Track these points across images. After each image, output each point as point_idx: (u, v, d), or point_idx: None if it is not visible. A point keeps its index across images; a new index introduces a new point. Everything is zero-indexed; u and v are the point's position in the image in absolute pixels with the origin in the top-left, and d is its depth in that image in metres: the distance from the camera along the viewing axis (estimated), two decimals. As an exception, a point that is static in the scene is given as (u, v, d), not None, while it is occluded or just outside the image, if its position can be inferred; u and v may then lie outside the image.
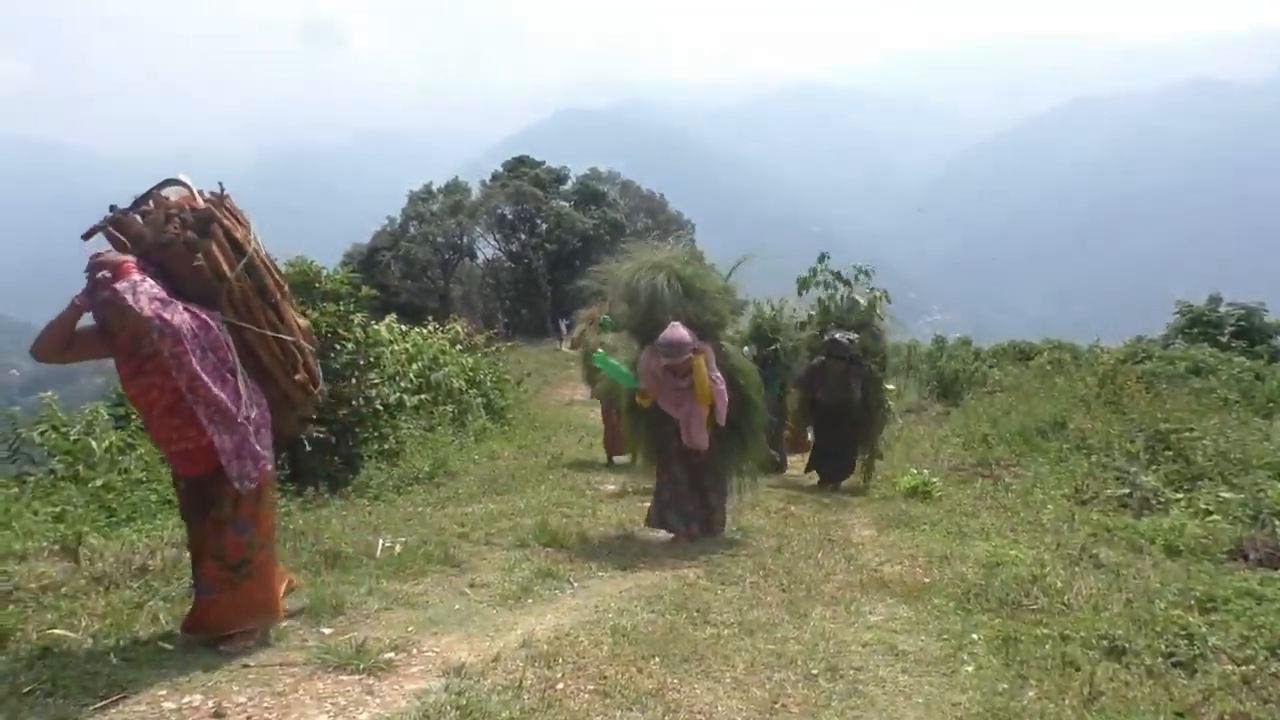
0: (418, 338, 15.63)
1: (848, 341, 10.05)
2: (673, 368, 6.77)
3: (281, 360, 4.36)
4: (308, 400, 4.62)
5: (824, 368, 10.09)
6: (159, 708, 3.54)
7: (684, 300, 6.99)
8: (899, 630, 4.98)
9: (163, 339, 3.68)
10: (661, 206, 51.18)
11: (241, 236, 4.18)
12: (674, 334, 6.73)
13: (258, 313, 4.23)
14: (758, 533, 7.56)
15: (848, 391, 9.91)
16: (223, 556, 4.11)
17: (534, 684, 3.91)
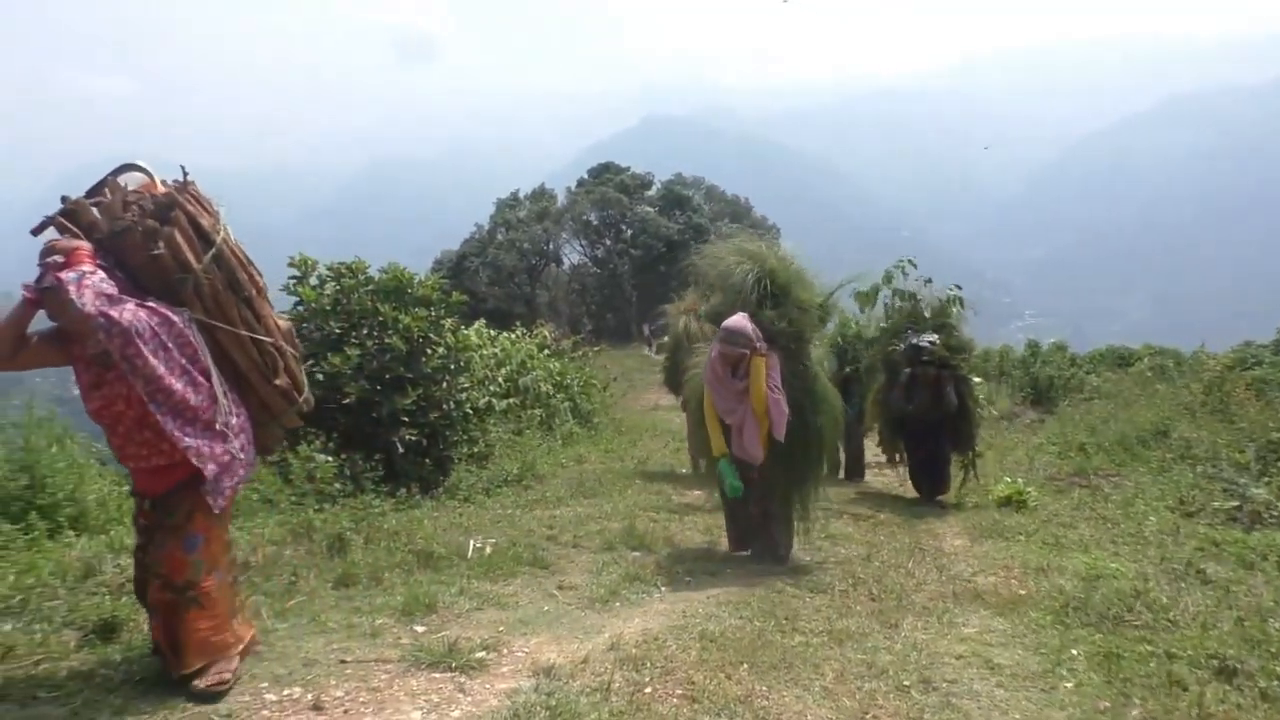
0: (506, 342, 15.86)
1: (930, 345, 9.44)
2: (729, 360, 6.28)
3: (259, 363, 3.93)
4: (290, 409, 4.11)
5: (914, 379, 9.43)
6: (261, 699, 3.66)
7: (768, 301, 6.53)
8: (994, 643, 4.86)
9: (110, 339, 3.26)
10: (746, 211, 50.96)
11: (209, 225, 3.74)
12: (736, 322, 6.25)
13: (230, 310, 3.78)
14: (846, 540, 7.46)
15: (942, 400, 9.26)
16: (164, 574, 3.64)
17: (622, 687, 3.93)
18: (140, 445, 3.55)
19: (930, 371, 9.31)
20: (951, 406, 9.27)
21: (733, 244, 6.98)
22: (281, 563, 5.70)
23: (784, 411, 6.26)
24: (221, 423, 3.62)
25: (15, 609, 4.42)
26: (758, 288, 6.51)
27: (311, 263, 9.50)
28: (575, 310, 46.27)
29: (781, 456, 6.47)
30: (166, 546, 3.61)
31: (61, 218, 3.52)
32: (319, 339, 8.99)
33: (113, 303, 3.28)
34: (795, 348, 6.55)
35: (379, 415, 8.69)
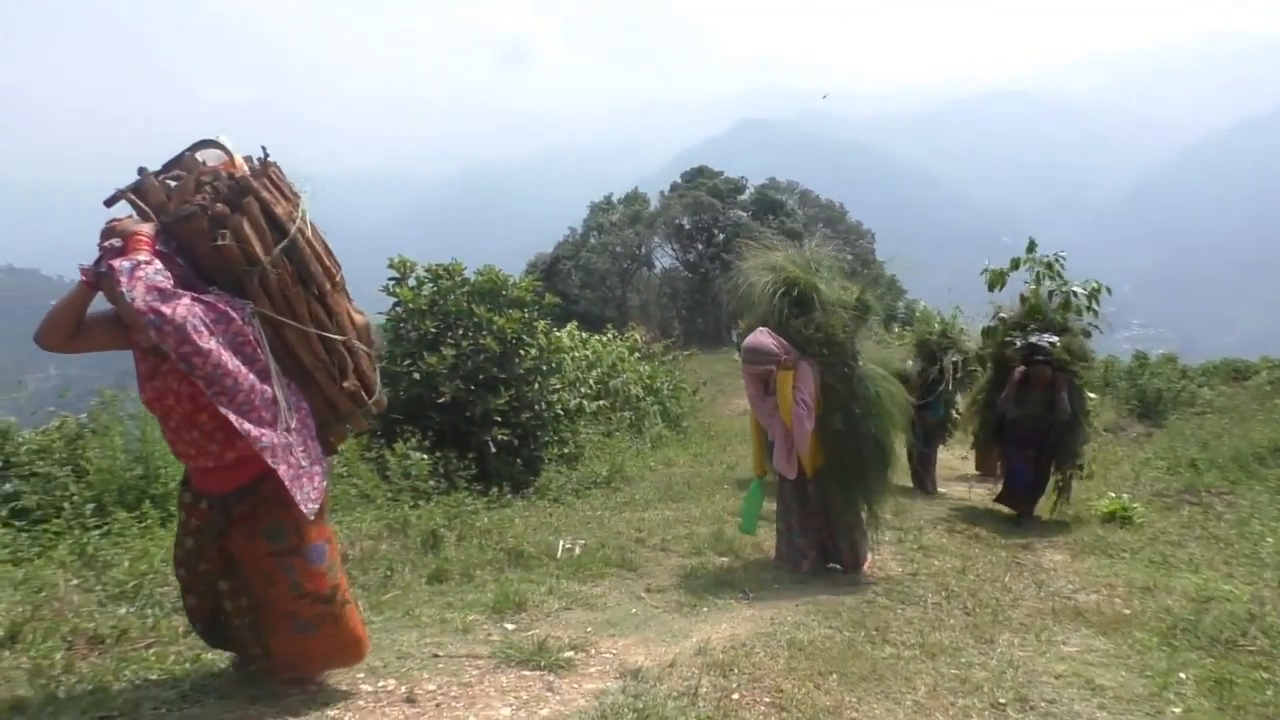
0: (597, 345, 15.98)
1: (1050, 345, 8.54)
2: (758, 379, 6.17)
3: (326, 363, 3.61)
4: (357, 411, 3.81)
5: (1026, 379, 8.54)
6: (357, 689, 3.75)
7: (795, 311, 6.25)
8: (1095, 663, 4.69)
9: (162, 336, 2.99)
10: (841, 216, 50.25)
11: (284, 213, 3.42)
12: (754, 340, 6.09)
13: (298, 305, 3.47)
14: (940, 552, 7.29)
15: (1053, 405, 8.37)
16: (309, 593, 3.46)
17: (709, 692, 3.91)
18: (189, 444, 3.32)
19: (1046, 372, 8.44)
20: (1065, 414, 8.39)
21: (753, 260, 6.68)
22: (378, 557, 5.86)
23: (805, 427, 6.05)
24: (284, 426, 3.32)
25: (130, 594, 4.63)
26: (782, 299, 6.25)
27: (410, 264, 9.73)
28: (666, 314, 46.31)
29: (833, 466, 6.28)
30: (294, 572, 3.42)
31: (132, 193, 3.27)
32: (416, 339, 9.20)
33: (165, 298, 2.99)
34: (831, 352, 6.23)
35: (473, 415, 8.84)
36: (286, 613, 3.47)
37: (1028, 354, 8.60)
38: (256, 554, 3.41)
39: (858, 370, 6.31)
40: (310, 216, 3.59)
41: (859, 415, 6.21)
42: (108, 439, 6.45)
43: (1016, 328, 9.07)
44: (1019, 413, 8.57)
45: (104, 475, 6.15)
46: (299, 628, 3.51)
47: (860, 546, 6.53)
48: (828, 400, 6.13)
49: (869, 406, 6.27)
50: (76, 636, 4.03)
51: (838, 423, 6.16)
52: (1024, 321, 9.10)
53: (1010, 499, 8.99)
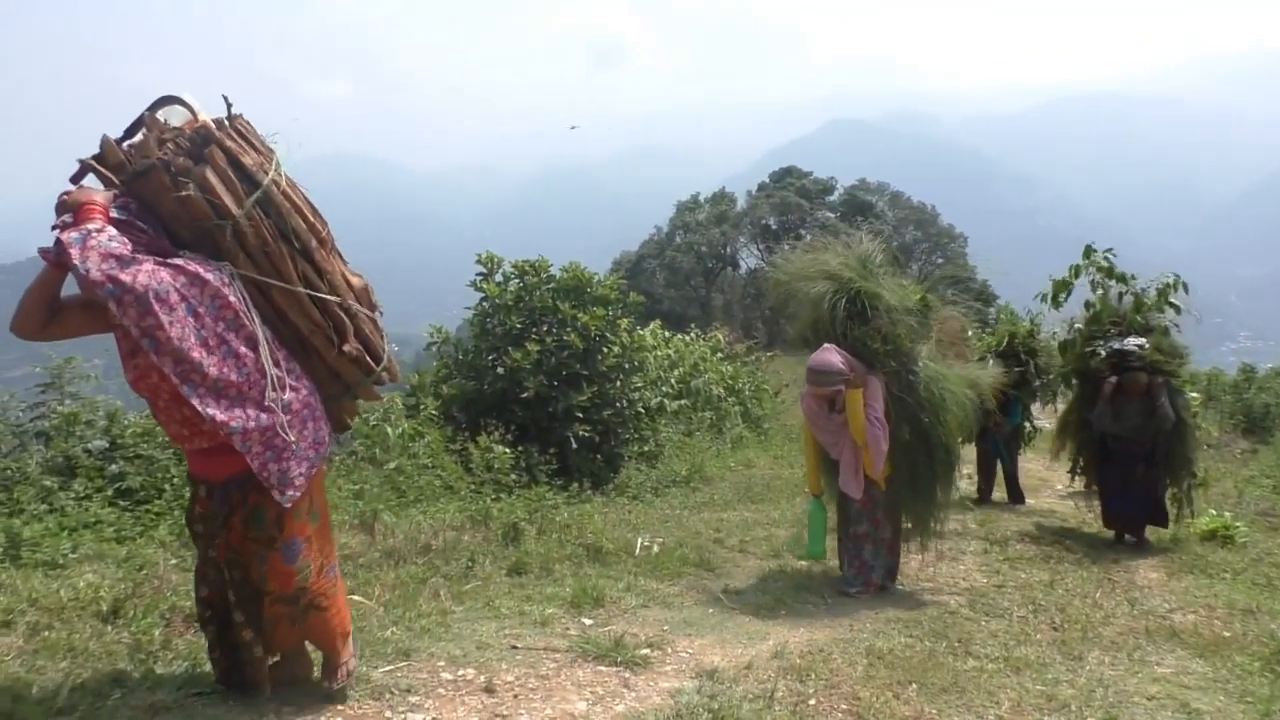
0: (680, 344, 15.96)
1: (1139, 349, 7.81)
2: (824, 399, 5.88)
3: (322, 326, 3.30)
4: (365, 379, 3.51)
5: (1119, 390, 7.78)
6: (438, 677, 3.83)
7: (852, 322, 5.92)
8: (1191, 686, 4.50)
9: (122, 308, 2.72)
10: (932, 219, 49.25)
11: (252, 164, 3.11)
12: (821, 358, 5.76)
13: (282, 263, 3.16)
14: (1027, 564, 7.10)
15: (1156, 414, 7.62)
16: (273, 590, 3.24)
17: (785, 696, 3.88)
18: (181, 424, 3.05)
19: (1140, 378, 7.67)
20: (1169, 420, 7.64)
21: (808, 259, 6.37)
22: (460, 548, 5.97)
23: (882, 448, 5.76)
24: (272, 400, 3.04)
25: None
26: (844, 309, 5.91)
27: (497, 260, 9.86)
28: (750, 314, 46.04)
29: (904, 476, 6.02)
30: (268, 562, 3.18)
31: (94, 161, 3.03)
32: (501, 334, 9.33)
33: (123, 264, 2.72)
34: (898, 362, 5.92)
35: (555, 410, 8.93)
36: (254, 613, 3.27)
37: (1116, 362, 7.87)
38: (236, 538, 3.20)
39: (921, 376, 5.99)
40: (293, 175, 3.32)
41: (927, 423, 5.94)
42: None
43: (1096, 337, 8.32)
44: (1118, 427, 7.83)
45: (203, 459, 6.37)
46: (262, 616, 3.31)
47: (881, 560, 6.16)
48: (896, 411, 5.86)
49: (936, 411, 6.00)
50: (174, 614, 4.19)
51: (906, 433, 5.89)
52: (1103, 329, 8.33)
53: (1119, 521, 8.17)
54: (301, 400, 3.19)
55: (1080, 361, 8.41)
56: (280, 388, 3.09)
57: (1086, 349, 8.32)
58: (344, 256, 3.50)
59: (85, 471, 5.91)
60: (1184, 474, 8.06)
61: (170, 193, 2.96)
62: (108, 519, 5.49)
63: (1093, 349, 8.21)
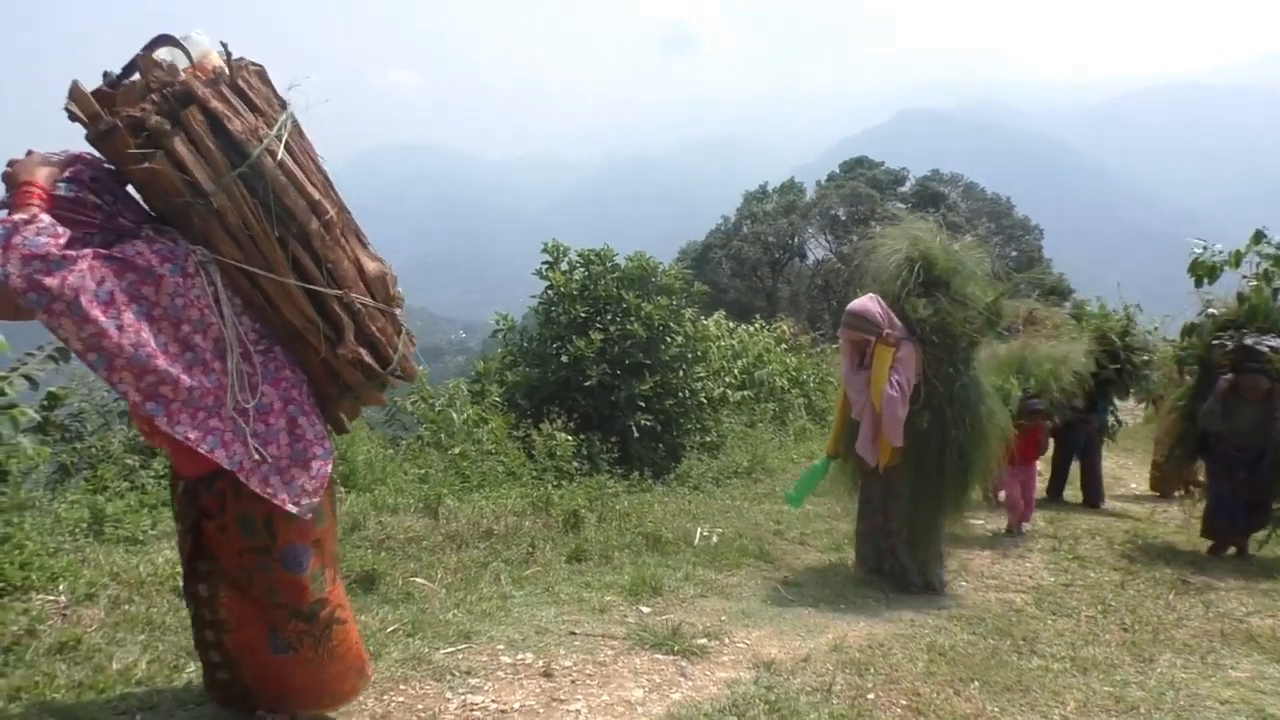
0: (744, 335, 15.90)
1: (1271, 350, 7.15)
2: (854, 346, 5.72)
3: (315, 322, 2.83)
4: (369, 383, 3.03)
5: (1235, 389, 7.23)
6: (497, 660, 3.89)
7: (919, 290, 5.71)
8: (1268, 691, 4.36)
9: (54, 319, 2.32)
10: (1006, 211, 48.22)
11: (243, 129, 2.63)
12: (858, 303, 5.63)
13: (269, 248, 2.70)
14: (1097, 564, 6.94)
15: (1270, 423, 7.05)
16: (285, 604, 2.86)
17: (844, 690, 3.86)
18: (143, 419, 2.70)
19: (1261, 382, 7.09)
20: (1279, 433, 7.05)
21: (897, 228, 6.17)
22: (521, 533, 6.04)
23: (898, 414, 5.52)
24: (238, 405, 2.63)
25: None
26: (910, 273, 5.70)
27: (563, 249, 9.93)
28: (816, 306, 45.63)
29: (908, 468, 5.76)
30: (271, 573, 2.82)
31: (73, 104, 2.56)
32: (565, 322, 9.40)
33: (51, 266, 2.31)
34: (941, 343, 5.67)
35: (617, 399, 8.97)
36: (267, 624, 2.89)
37: (1239, 359, 7.26)
38: (234, 548, 2.82)
39: (965, 376, 5.78)
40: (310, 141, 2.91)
41: (950, 419, 5.70)
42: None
43: (1228, 328, 7.65)
44: (1224, 428, 7.27)
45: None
46: (276, 646, 2.91)
47: (915, 561, 5.91)
48: (924, 396, 5.63)
49: (965, 416, 5.74)
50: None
51: (924, 421, 5.64)
52: (1239, 322, 7.65)
53: (1212, 530, 7.60)
54: (283, 394, 2.78)
55: (1203, 350, 7.80)
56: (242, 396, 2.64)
57: (1214, 339, 7.67)
58: (364, 238, 3.06)
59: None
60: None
61: (135, 161, 2.53)
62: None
63: (1220, 341, 7.57)
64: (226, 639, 2.93)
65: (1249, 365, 7.16)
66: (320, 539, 2.90)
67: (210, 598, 2.90)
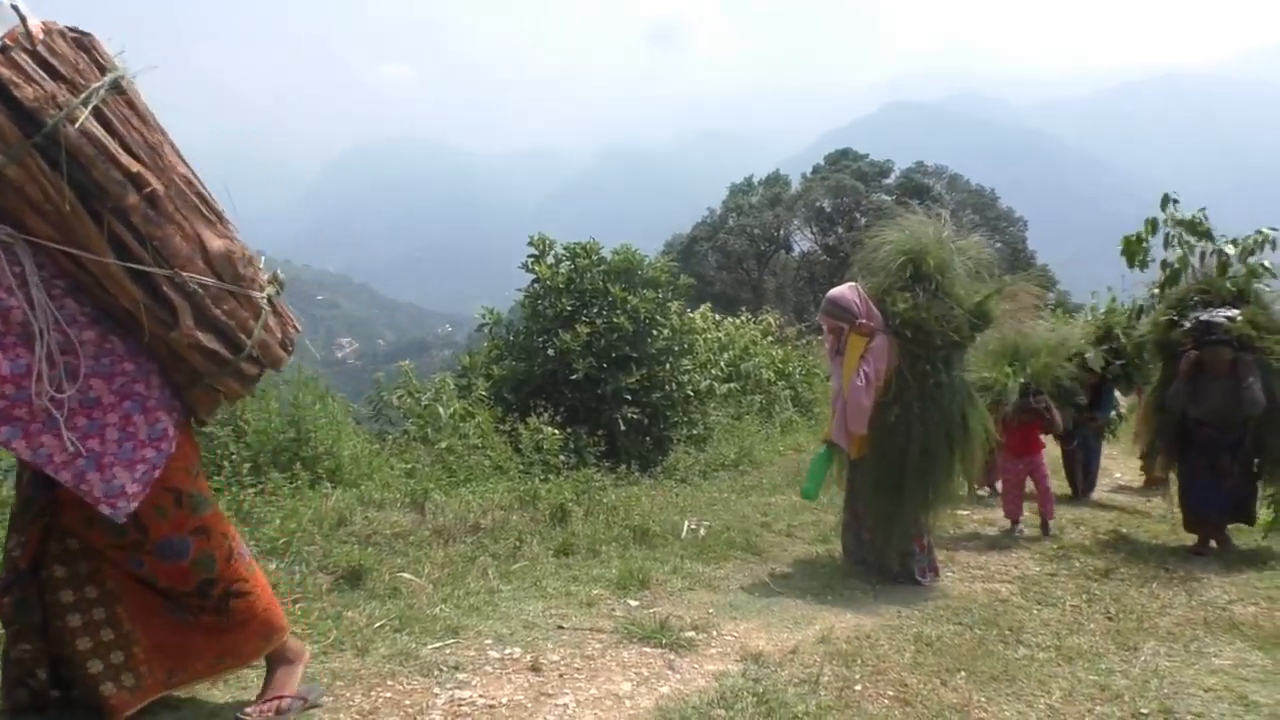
0: (730, 327, 15.92)
1: (1227, 320, 6.74)
2: (832, 331, 5.74)
3: (150, 304, 2.57)
4: (220, 371, 2.74)
5: (1200, 367, 6.81)
6: (485, 654, 3.88)
7: (904, 283, 5.67)
8: (1250, 679, 4.38)
9: None
10: (990, 203, 48.37)
11: (37, 97, 2.35)
12: (837, 290, 5.69)
13: (80, 224, 2.44)
14: (1082, 553, 6.97)
15: (1243, 396, 6.55)
16: (168, 588, 2.79)
17: (831, 681, 3.86)
18: None
19: (1224, 354, 6.65)
20: (1258, 405, 6.55)
21: (898, 221, 6.08)
22: (508, 527, 6.03)
23: (862, 403, 5.52)
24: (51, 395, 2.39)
25: (280, 550, 4.89)
26: (898, 266, 5.68)
27: (549, 242, 9.92)
28: (802, 298, 45.71)
29: (874, 459, 5.75)
30: (145, 565, 2.71)
31: None
32: (552, 316, 9.39)
33: None
34: (916, 339, 5.59)
35: (604, 392, 8.97)
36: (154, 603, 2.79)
37: (1199, 335, 6.81)
38: (101, 541, 2.67)
39: (944, 377, 5.68)
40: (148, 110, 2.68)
41: (917, 415, 5.60)
42: (265, 402, 6.81)
43: (1181, 305, 7.28)
44: (1198, 410, 6.84)
45: (260, 437, 6.50)
46: (173, 609, 2.84)
47: (892, 552, 5.89)
48: (895, 391, 5.60)
49: (934, 414, 5.65)
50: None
51: (892, 415, 5.59)
52: (1187, 296, 7.31)
53: (1196, 523, 7.14)
54: (118, 390, 2.54)
55: (1160, 332, 7.37)
56: (48, 384, 2.39)
57: (1166, 318, 7.32)
58: (215, 214, 2.79)
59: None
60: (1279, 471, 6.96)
61: None
62: (171, 494, 5.62)
63: (1175, 319, 7.21)
64: (120, 608, 2.75)
65: (1209, 339, 6.75)
66: (203, 525, 2.76)
67: (74, 577, 2.70)
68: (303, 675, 3.16)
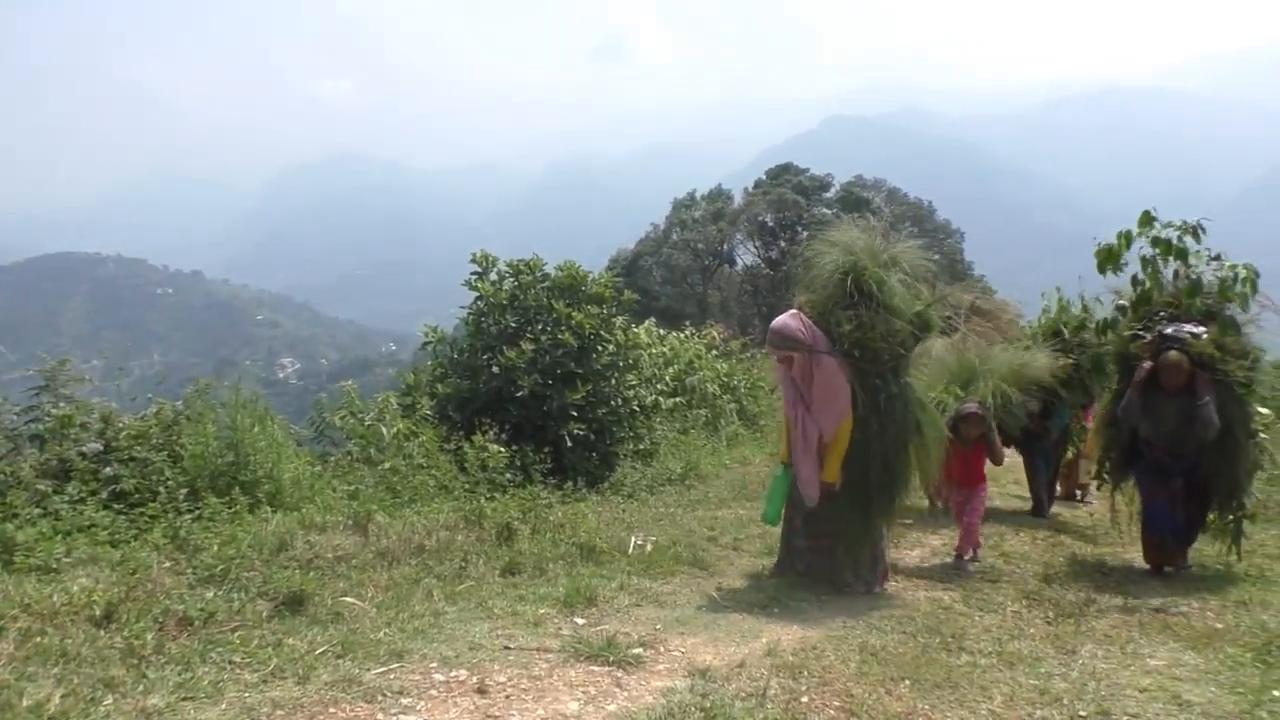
0: (675, 342, 15.96)
1: (1191, 335, 6.46)
2: (782, 361, 5.79)
3: None
4: None
5: (1155, 380, 6.45)
6: (430, 678, 3.84)
7: (841, 300, 5.77)
8: (1183, 678, 4.51)
9: None
10: (928, 214, 49.24)
11: None
12: (778, 321, 5.76)
13: None
14: (1022, 559, 7.12)
15: (1194, 414, 6.25)
16: None
17: (778, 694, 3.89)
18: None
19: (1181, 363, 6.32)
20: (1211, 427, 6.21)
21: (832, 235, 6.20)
22: (453, 547, 5.98)
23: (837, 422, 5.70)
24: None
25: (218, 577, 4.79)
26: (836, 286, 5.80)
27: (492, 259, 9.88)
28: (746, 311, 46.02)
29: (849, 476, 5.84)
30: None
31: None
32: (496, 333, 9.35)
33: None
34: (864, 358, 5.73)
35: (549, 409, 8.94)
36: None
37: (1159, 349, 6.52)
38: None
39: (894, 388, 5.83)
40: None
41: (874, 431, 5.76)
42: (201, 426, 6.69)
43: (1145, 319, 6.93)
44: (1147, 427, 6.53)
45: (197, 461, 6.38)
46: None
47: (865, 567, 6.02)
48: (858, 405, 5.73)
49: (890, 429, 5.81)
50: (167, 618, 4.18)
51: (853, 434, 5.74)
52: (1157, 310, 6.89)
53: (1153, 549, 6.82)
54: None
55: (1121, 344, 7.05)
56: None
57: (1129, 331, 6.99)
58: None
59: (79, 474, 5.91)
60: (1229, 500, 6.62)
61: None
62: (102, 522, 5.47)
63: (1137, 333, 6.89)
64: None
65: (1166, 346, 6.48)
66: None
67: None
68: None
